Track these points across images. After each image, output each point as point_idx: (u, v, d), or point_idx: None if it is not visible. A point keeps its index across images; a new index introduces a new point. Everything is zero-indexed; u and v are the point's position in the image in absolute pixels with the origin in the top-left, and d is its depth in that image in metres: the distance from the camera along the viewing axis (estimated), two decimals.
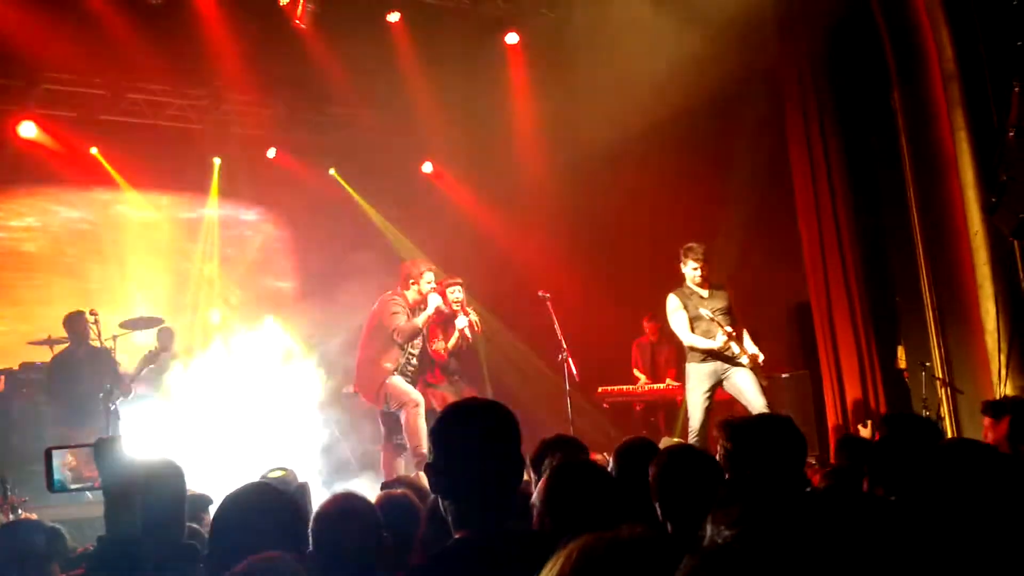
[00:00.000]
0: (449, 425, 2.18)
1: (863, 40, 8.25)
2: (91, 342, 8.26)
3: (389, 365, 7.54)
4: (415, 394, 7.50)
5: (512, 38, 10.26)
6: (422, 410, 7.34)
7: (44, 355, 8.86)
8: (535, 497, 2.66)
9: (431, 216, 11.33)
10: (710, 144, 9.76)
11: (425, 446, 7.04)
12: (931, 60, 7.41)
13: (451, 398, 7.85)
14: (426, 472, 2.16)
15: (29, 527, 3.60)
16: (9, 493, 6.16)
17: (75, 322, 8.22)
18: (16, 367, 8.63)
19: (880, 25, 7.90)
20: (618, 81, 9.28)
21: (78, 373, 7.99)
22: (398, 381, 7.53)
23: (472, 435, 2.15)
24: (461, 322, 7.97)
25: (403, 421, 7.42)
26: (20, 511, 6.04)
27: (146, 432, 8.16)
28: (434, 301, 7.60)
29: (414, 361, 7.73)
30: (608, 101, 9.37)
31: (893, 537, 1.04)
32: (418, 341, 7.74)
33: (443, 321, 8.05)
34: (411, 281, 7.70)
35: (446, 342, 8.01)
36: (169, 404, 8.29)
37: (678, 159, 9.91)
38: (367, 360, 7.68)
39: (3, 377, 8.59)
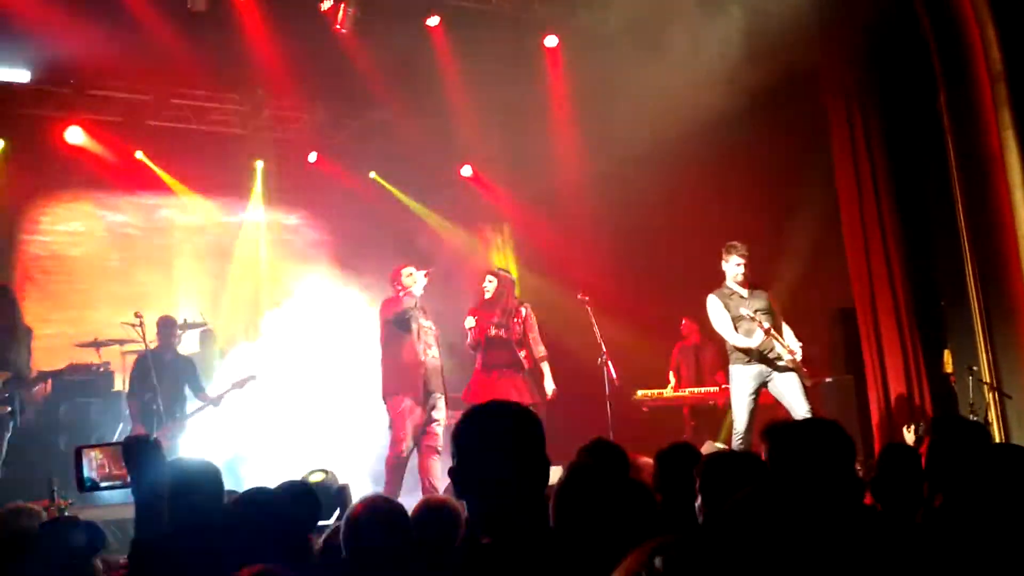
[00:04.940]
0: (467, 429, 2.15)
1: (907, 39, 8.14)
2: (178, 350, 8.45)
3: (409, 356, 7.53)
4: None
5: (551, 41, 10.24)
6: (404, 411, 7.46)
7: (91, 357, 9.01)
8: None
9: (470, 219, 11.37)
10: (751, 146, 9.67)
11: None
12: (977, 60, 7.30)
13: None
14: (449, 476, 2.14)
15: (70, 525, 3.64)
16: (56, 495, 6.23)
17: (167, 326, 8.36)
18: (63, 368, 8.75)
19: (925, 24, 7.78)
20: (657, 83, 9.22)
21: (161, 375, 8.05)
22: (426, 371, 7.57)
23: (490, 438, 2.12)
24: (468, 323, 8.06)
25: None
26: (66, 513, 6.11)
27: (197, 433, 8.27)
28: (421, 282, 7.63)
29: (435, 351, 7.69)
30: (647, 103, 9.32)
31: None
32: (429, 333, 7.70)
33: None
34: (395, 284, 7.76)
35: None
36: (219, 407, 8.36)
37: (719, 161, 9.83)
38: (387, 360, 7.67)
39: (50, 379, 8.72)
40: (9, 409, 6.74)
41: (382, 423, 8.38)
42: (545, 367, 8.26)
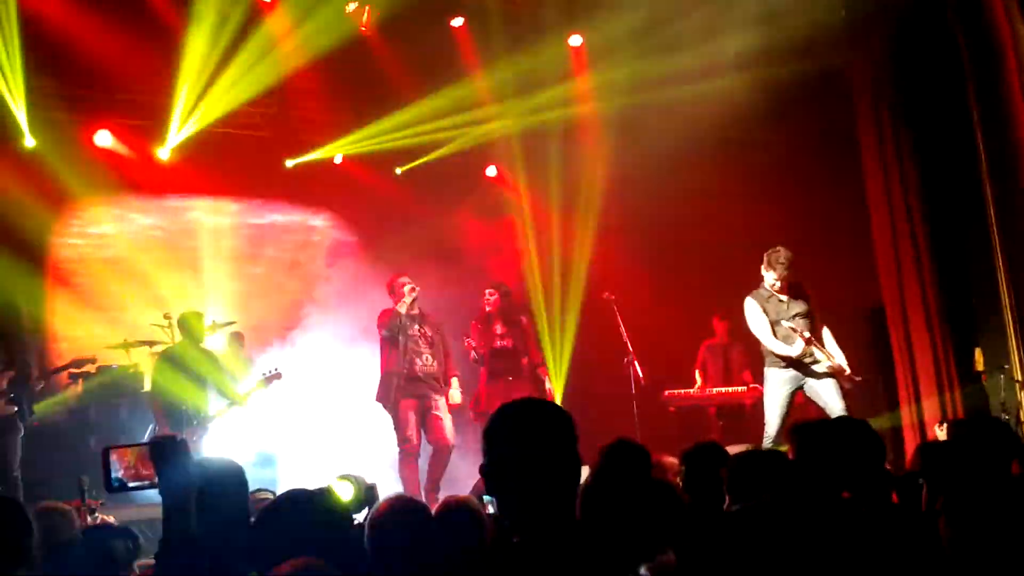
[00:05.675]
0: (498, 426, 2.13)
1: (935, 35, 8.07)
2: (201, 345, 8.36)
3: (392, 366, 8.08)
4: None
5: (575, 40, 10.24)
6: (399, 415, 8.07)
7: (121, 358, 9.08)
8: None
9: (495, 220, 11.37)
10: (778, 145, 9.62)
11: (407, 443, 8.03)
12: (1007, 56, 7.23)
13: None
14: (480, 473, 2.13)
15: (110, 532, 3.67)
16: (87, 495, 6.28)
17: (190, 321, 8.29)
18: (93, 371, 8.83)
19: (953, 19, 7.71)
20: (683, 82, 9.21)
21: (188, 371, 8.04)
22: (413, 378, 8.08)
23: (524, 436, 2.10)
24: (470, 340, 8.60)
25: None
26: (97, 513, 6.17)
27: (229, 435, 8.31)
28: (409, 296, 8.15)
29: (426, 358, 8.13)
30: (673, 102, 9.30)
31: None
32: (420, 341, 8.16)
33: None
34: (398, 296, 8.22)
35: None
36: (247, 408, 8.37)
37: (746, 160, 9.79)
38: (381, 368, 8.24)
39: (81, 381, 8.79)
40: (16, 409, 6.80)
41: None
42: (542, 373, 8.80)
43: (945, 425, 7.45)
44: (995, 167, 7.54)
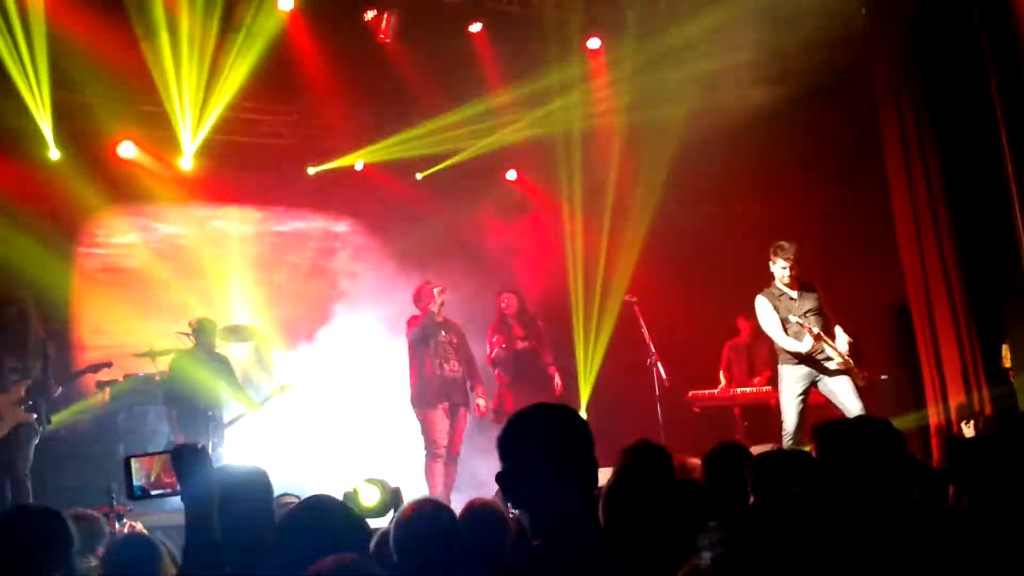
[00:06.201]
0: (516, 432, 2.13)
1: (957, 29, 8.01)
2: (216, 351, 8.45)
3: (427, 371, 8.19)
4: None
5: (594, 43, 10.25)
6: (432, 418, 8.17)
7: (147, 367, 9.15)
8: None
9: (517, 222, 11.39)
10: (800, 141, 9.58)
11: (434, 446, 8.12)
12: None
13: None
14: (497, 481, 2.13)
15: (140, 543, 3.70)
16: (115, 502, 6.35)
17: (204, 328, 8.37)
18: (120, 378, 8.91)
19: (975, 13, 7.66)
20: (702, 80, 9.19)
21: (200, 377, 8.10)
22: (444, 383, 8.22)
23: (539, 441, 2.09)
24: (491, 343, 8.77)
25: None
26: (125, 520, 6.23)
27: (256, 438, 8.36)
28: (438, 299, 8.28)
29: (453, 364, 8.28)
30: (693, 100, 9.28)
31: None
32: (448, 348, 8.31)
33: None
34: (426, 303, 8.37)
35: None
36: (269, 415, 8.42)
37: (768, 157, 9.75)
38: (412, 373, 8.32)
39: (108, 389, 8.87)
40: (35, 416, 6.90)
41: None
42: (552, 372, 8.82)
43: (973, 422, 7.40)
44: (1019, 161, 7.48)
